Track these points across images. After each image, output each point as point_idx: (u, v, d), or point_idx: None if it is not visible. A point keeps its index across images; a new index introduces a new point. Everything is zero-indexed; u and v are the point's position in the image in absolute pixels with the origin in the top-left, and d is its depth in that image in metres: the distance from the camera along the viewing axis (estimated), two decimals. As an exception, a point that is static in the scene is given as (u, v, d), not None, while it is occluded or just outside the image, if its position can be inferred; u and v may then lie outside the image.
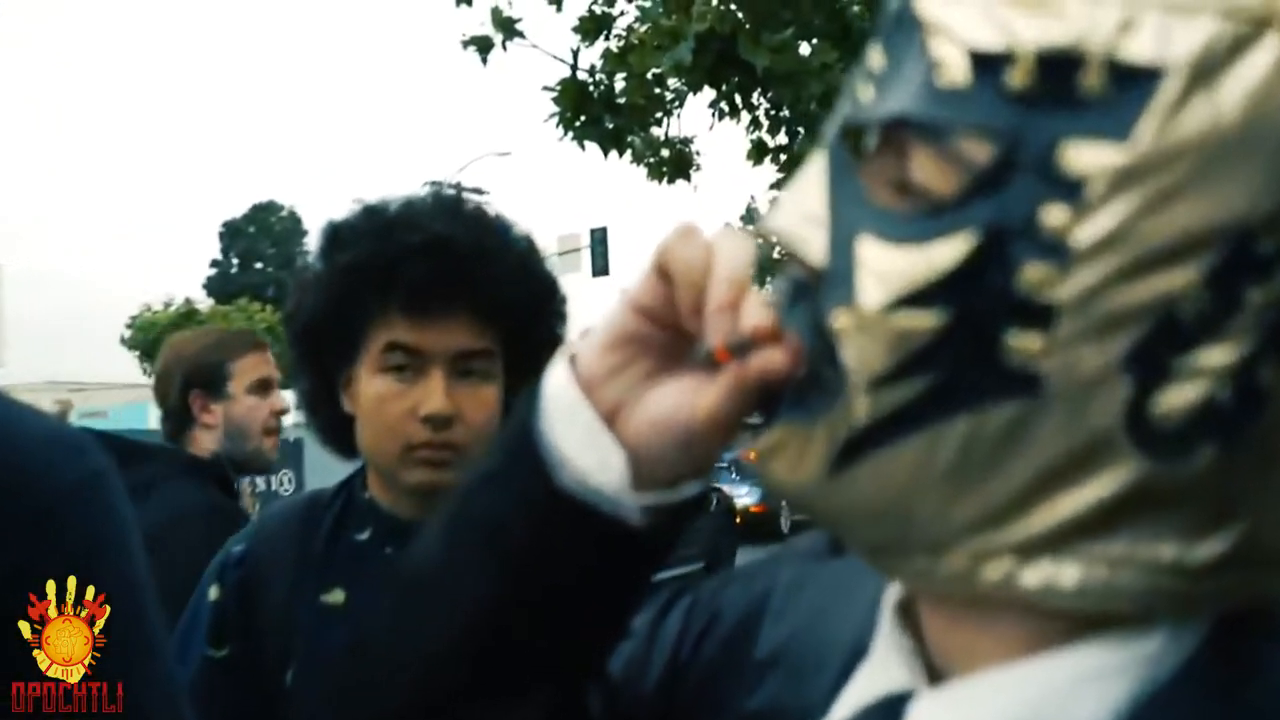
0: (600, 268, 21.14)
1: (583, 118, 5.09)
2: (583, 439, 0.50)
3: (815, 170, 0.46)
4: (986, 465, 0.41)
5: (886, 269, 0.42)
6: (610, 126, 5.15)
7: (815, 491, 0.45)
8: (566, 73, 5.16)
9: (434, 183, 1.36)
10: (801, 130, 5.29)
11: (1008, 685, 0.44)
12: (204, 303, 33.85)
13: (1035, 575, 0.42)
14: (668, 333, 0.50)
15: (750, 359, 0.45)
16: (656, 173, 5.71)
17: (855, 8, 4.93)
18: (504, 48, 5.09)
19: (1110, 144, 0.38)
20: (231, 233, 47.03)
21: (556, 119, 5.14)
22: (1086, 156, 0.39)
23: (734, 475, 12.57)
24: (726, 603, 0.61)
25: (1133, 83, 0.38)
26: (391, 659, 0.56)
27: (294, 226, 45.78)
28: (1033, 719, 0.43)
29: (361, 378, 1.18)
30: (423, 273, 1.14)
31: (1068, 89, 0.39)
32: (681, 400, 0.49)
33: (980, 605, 0.44)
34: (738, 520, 11.85)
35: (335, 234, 1.22)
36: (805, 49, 4.58)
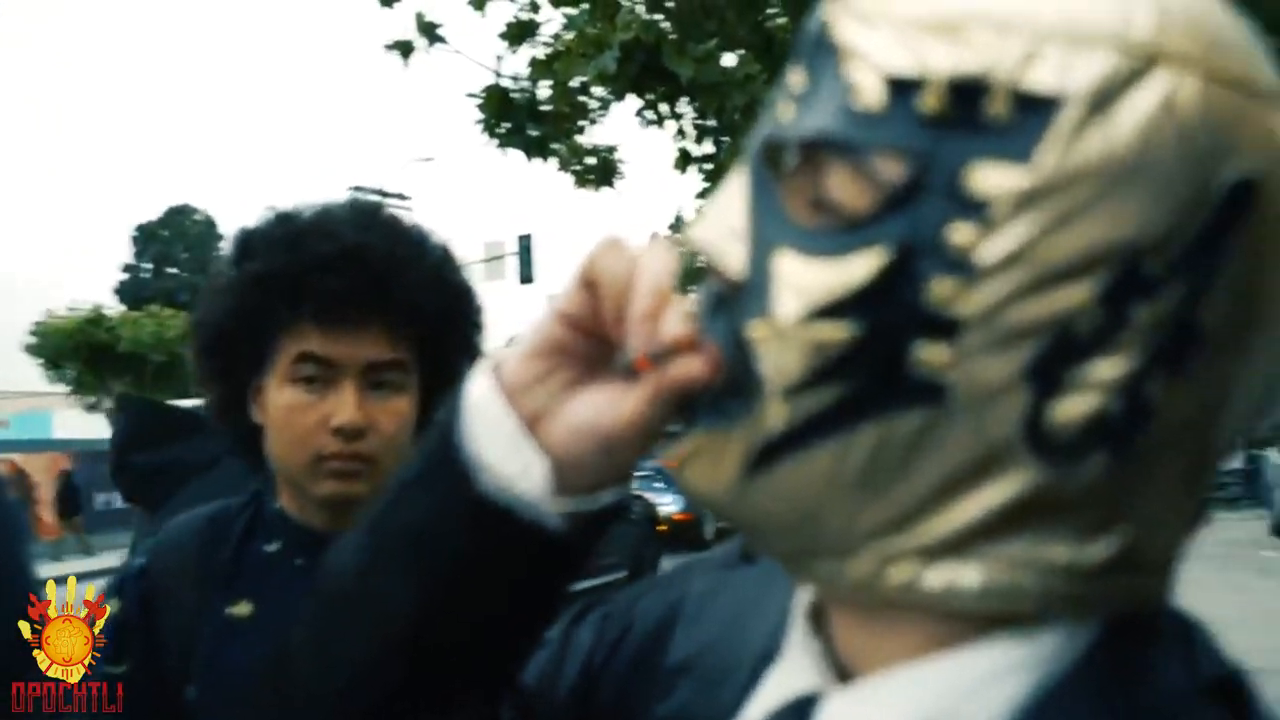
0: (526, 275, 21.03)
1: (506, 124, 5.06)
2: (505, 446, 0.51)
3: (736, 184, 0.48)
4: (894, 471, 0.43)
5: (803, 282, 0.43)
6: (534, 133, 5.14)
7: (731, 496, 0.47)
8: (491, 79, 5.14)
9: (356, 188, 1.36)
10: (726, 140, 5.34)
11: (914, 684, 0.45)
12: (115, 308, 32.92)
13: (938, 577, 0.43)
14: (591, 343, 0.51)
15: (670, 367, 0.47)
16: (582, 180, 5.71)
17: (778, 20, 5.00)
18: (426, 52, 5.05)
19: (1014, 167, 0.40)
20: (145, 236, 45.85)
21: (480, 125, 5.11)
22: (992, 179, 0.40)
23: (658, 483, 12.59)
24: (639, 612, 0.62)
25: (1035, 110, 0.40)
26: (314, 671, 0.56)
27: (209, 230, 44.70)
28: (938, 715, 0.44)
29: (271, 387, 1.16)
30: (335, 283, 1.12)
31: (975, 114, 0.41)
32: (603, 407, 0.50)
33: (887, 608, 0.45)
34: (661, 528, 11.85)
35: (246, 241, 1.20)
36: (729, 60, 4.63)
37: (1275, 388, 0.46)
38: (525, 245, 21.07)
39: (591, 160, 5.65)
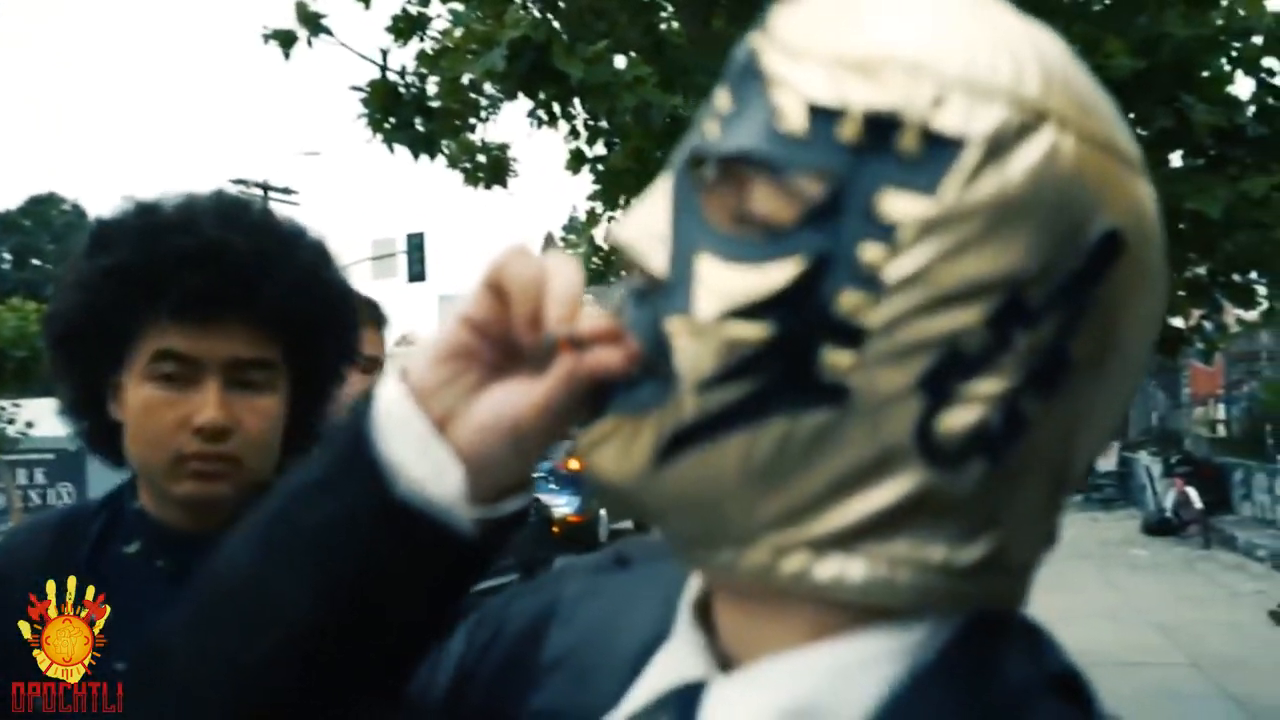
0: (416, 273, 20.72)
1: (393, 120, 4.91)
2: (416, 449, 0.52)
3: (662, 191, 0.51)
4: (795, 466, 0.46)
5: (721, 285, 0.46)
6: (422, 130, 5.00)
7: (638, 482, 0.49)
8: (376, 73, 4.98)
9: (239, 181, 1.28)
10: (618, 142, 5.28)
11: (794, 669, 0.48)
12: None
13: (827, 570, 0.47)
14: (497, 347, 0.53)
15: (588, 354, 0.49)
16: (473, 178, 5.59)
17: (670, 25, 4.97)
18: (309, 44, 4.87)
19: (920, 197, 0.45)
20: (4, 226, 43.87)
21: (365, 120, 4.95)
22: (900, 205, 0.45)
23: (552, 485, 12.52)
24: (512, 614, 0.63)
25: (941, 148, 0.45)
26: (195, 677, 0.55)
27: (78, 221, 42.94)
28: (816, 698, 0.48)
29: (130, 385, 1.11)
30: (195, 280, 1.07)
31: (889, 146, 0.45)
32: (511, 398, 0.52)
33: (772, 598, 0.49)
34: (555, 529, 11.78)
35: (100, 233, 1.14)
36: (620, 62, 4.57)
37: (1123, 410, 0.51)
38: (416, 243, 20.77)
39: (482, 158, 5.54)
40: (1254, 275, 4.91)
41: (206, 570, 0.57)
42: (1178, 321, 5.37)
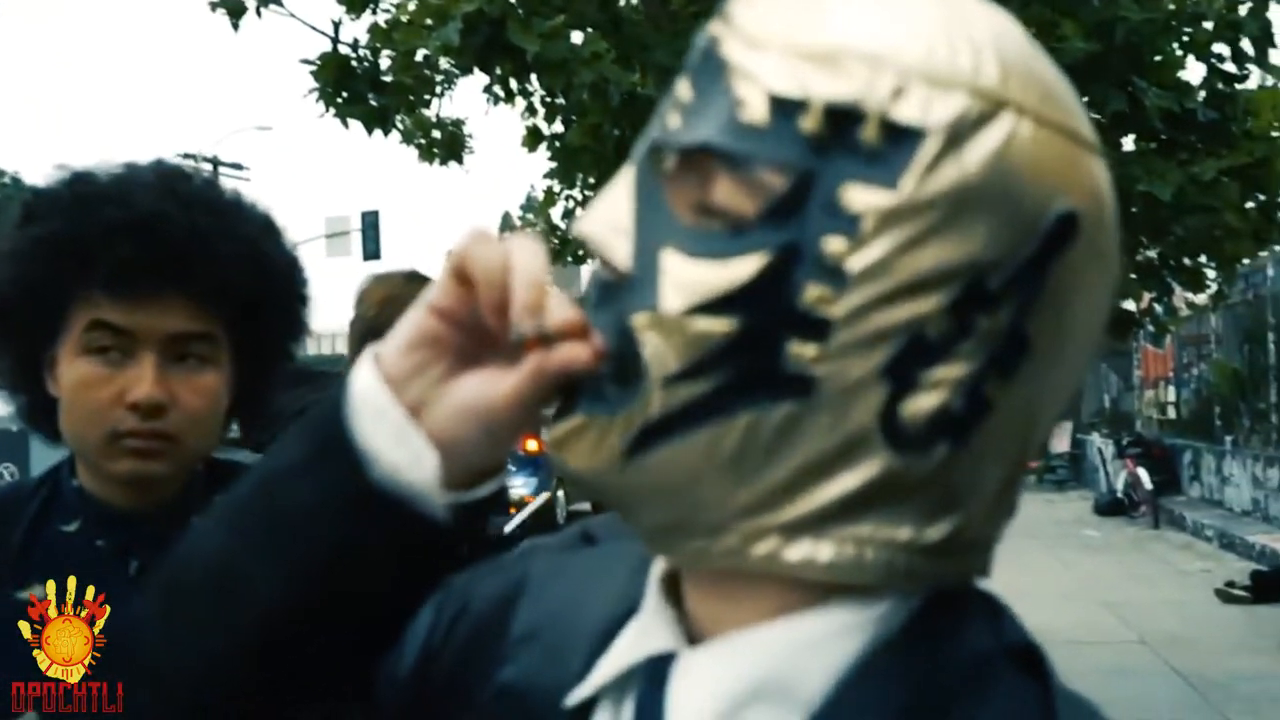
0: (372, 251, 20.50)
1: (345, 94, 4.82)
2: (392, 436, 0.53)
3: (624, 183, 0.51)
4: (763, 456, 0.47)
5: (686, 279, 0.47)
6: (375, 105, 4.91)
7: (609, 476, 0.50)
8: (327, 46, 4.88)
9: (187, 155, 1.24)
10: (575, 119, 5.23)
11: (761, 642, 0.50)
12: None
13: (797, 552, 0.48)
14: (465, 334, 0.54)
15: (555, 350, 0.49)
16: (428, 154, 5.51)
17: (627, 1, 4.91)
18: (258, 14, 4.76)
19: (881, 188, 0.45)
20: (-66, 198, 43.01)
21: (317, 94, 4.86)
22: (862, 197, 0.45)
23: (510, 466, 12.48)
24: (480, 591, 0.64)
25: (901, 139, 0.45)
26: (165, 664, 0.55)
27: (17, 194, 42.06)
28: (781, 670, 0.49)
29: (64, 359, 1.08)
30: (127, 252, 1.04)
31: (850, 137, 0.46)
32: (483, 388, 0.53)
33: (741, 577, 0.50)
34: (513, 511, 11.76)
35: (33, 203, 1.12)
36: (577, 38, 4.51)
37: (1076, 387, 0.52)
38: (371, 221, 20.55)
39: (437, 135, 5.46)
40: (1203, 259, 4.97)
41: (175, 556, 0.57)
42: (1129, 304, 5.43)
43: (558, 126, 5.48)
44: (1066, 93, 0.49)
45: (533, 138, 5.57)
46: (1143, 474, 12.60)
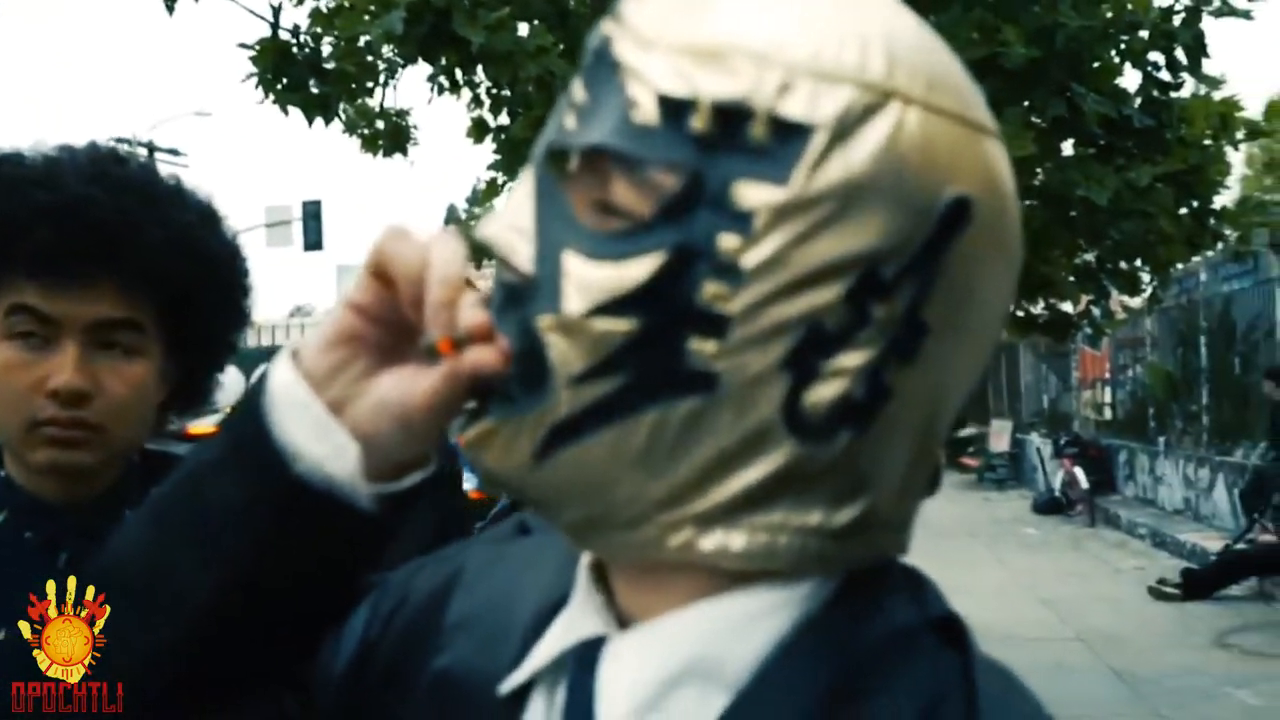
0: (313, 241, 20.26)
1: (285, 80, 4.73)
2: (313, 431, 0.53)
3: (525, 186, 0.51)
4: (671, 452, 0.48)
5: (587, 281, 0.48)
6: (316, 92, 4.82)
7: (523, 477, 0.51)
8: (267, 31, 4.78)
9: (121, 140, 1.20)
10: (521, 111, 5.18)
11: (687, 624, 0.51)
12: None
13: (710, 541, 0.49)
14: (385, 330, 0.54)
15: (466, 354, 0.50)
16: (371, 145, 5.42)
17: (575, -8, 4.88)
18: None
19: (772, 185, 0.46)
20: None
21: (255, 80, 4.76)
22: (754, 194, 0.46)
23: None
24: (417, 583, 0.65)
25: (790, 135, 0.46)
26: (96, 665, 0.58)
27: None
28: (708, 649, 0.50)
29: None
30: (49, 236, 1.01)
31: (739, 136, 0.46)
32: (401, 386, 0.53)
33: (664, 565, 0.51)
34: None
35: None
36: (523, 29, 4.47)
37: (982, 367, 0.53)
38: (313, 211, 20.29)
39: (381, 125, 5.38)
40: (1138, 263, 5.06)
41: (106, 552, 0.57)
42: (1068, 306, 5.52)
43: (504, 118, 5.43)
44: (960, 80, 0.49)
45: (478, 129, 5.52)
46: (1079, 473, 12.84)
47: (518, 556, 0.64)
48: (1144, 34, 4.31)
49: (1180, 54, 4.33)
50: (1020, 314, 5.24)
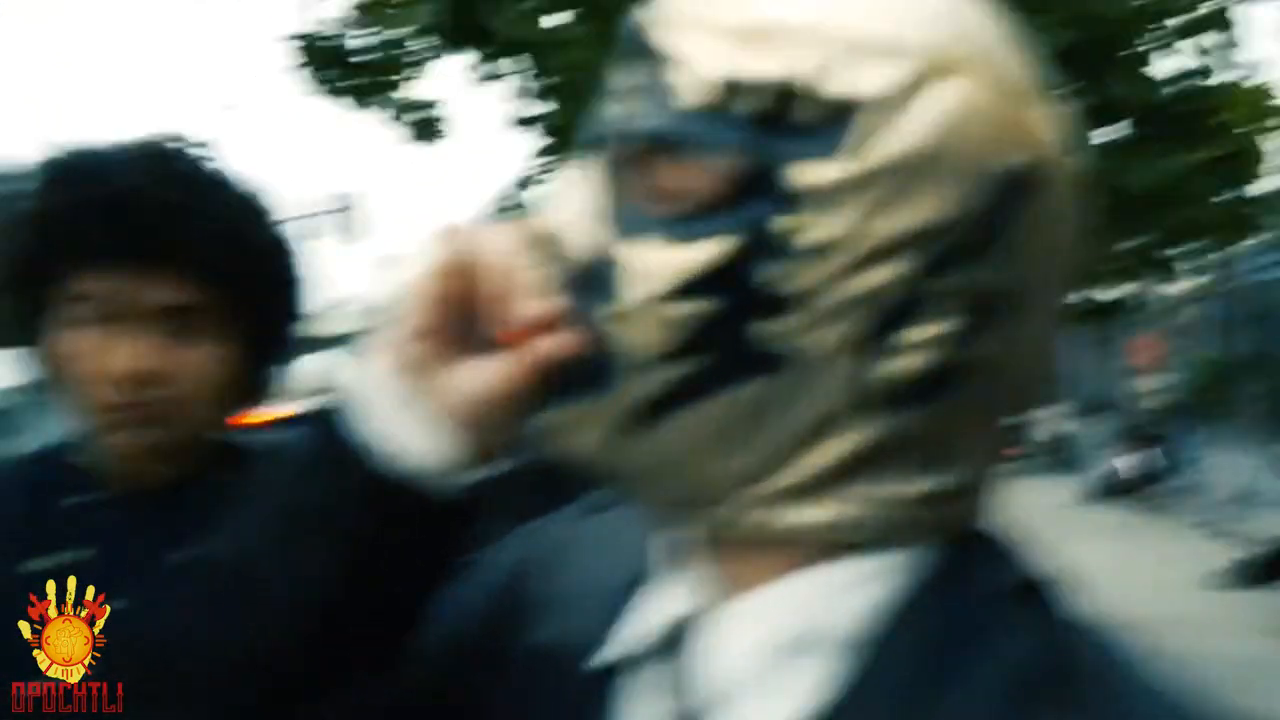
0: (353, 233, 20.40)
1: (321, 73, 4.81)
2: (402, 424, 0.54)
3: (581, 174, 0.52)
4: (746, 432, 0.48)
5: (652, 267, 0.48)
6: (352, 84, 4.90)
7: (605, 460, 0.52)
8: (306, 25, 4.86)
9: (154, 133, 1.26)
10: (557, 102, 5.21)
11: (784, 595, 0.51)
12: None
13: (797, 515, 0.50)
14: (455, 323, 0.54)
15: (541, 342, 0.51)
16: (409, 135, 5.49)
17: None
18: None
19: (825, 163, 0.45)
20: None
21: (302, 71, 4.84)
22: (809, 174, 0.46)
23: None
24: (502, 560, 0.66)
25: (841, 112, 0.45)
26: (207, 668, 0.56)
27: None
28: (812, 618, 0.50)
29: (52, 334, 1.08)
30: (101, 228, 1.05)
31: (790, 115, 0.46)
32: (479, 376, 0.53)
33: (750, 540, 0.51)
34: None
35: (21, 180, 1.12)
36: (555, 20, 4.49)
37: (1051, 339, 0.53)
38: (348, 204, 20.44)
39: (417, 115, 5.43)
40: (1178, 250, 4.99)
41: (209, 559, 0.58)
42: (1114, 293, 5.45)
43: (541, 108, 5.45)
44: (1013, 50, 0.49)
45: (521, 119, 5.53)
46: (1129, 460, 12.64)
47: (593, 534, 0.65)
48: (1173, 23, 4.24)
49: (1209, 42, 4.25)
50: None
